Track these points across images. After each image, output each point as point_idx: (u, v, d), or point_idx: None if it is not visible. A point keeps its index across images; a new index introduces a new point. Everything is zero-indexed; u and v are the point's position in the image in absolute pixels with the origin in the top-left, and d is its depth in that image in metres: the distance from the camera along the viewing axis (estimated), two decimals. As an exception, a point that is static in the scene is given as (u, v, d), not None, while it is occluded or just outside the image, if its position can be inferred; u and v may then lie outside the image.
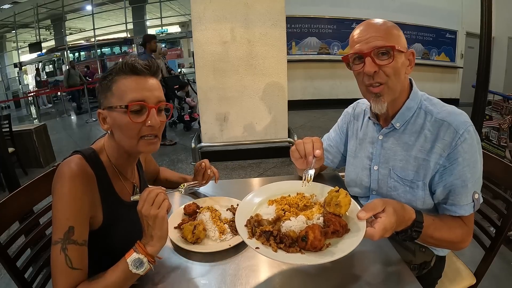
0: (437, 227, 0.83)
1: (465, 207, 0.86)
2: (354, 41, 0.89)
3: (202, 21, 3.33)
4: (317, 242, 0.66)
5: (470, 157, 0.84)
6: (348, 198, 0.72)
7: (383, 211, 0.70)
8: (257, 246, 0.69)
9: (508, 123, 2.71)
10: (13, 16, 11.42)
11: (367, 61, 0.85)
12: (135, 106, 0.76)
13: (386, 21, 0.88)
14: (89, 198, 0.77)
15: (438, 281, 1.07)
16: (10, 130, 3.57)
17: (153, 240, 0.74)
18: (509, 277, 1.74)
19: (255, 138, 3.70)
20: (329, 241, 0.69)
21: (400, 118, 0.94)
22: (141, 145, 0.79)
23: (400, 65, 0.87)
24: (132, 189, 0.94)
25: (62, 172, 0.74)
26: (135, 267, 0.71)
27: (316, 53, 6.66)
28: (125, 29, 12.85)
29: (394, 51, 0.84)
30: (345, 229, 0.70)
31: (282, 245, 0.69)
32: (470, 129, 0.84)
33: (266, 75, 3.54)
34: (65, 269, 0.69)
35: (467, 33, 6.85)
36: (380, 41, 0.84)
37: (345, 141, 1.20)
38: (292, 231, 0.69)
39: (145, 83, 0.78)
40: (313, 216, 0.73)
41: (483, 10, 2.42)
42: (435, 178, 0.89)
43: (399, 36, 0.87)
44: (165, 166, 3.02)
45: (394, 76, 0.87)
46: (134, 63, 0.78)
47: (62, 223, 0.71)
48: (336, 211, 0.71)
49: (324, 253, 0.66)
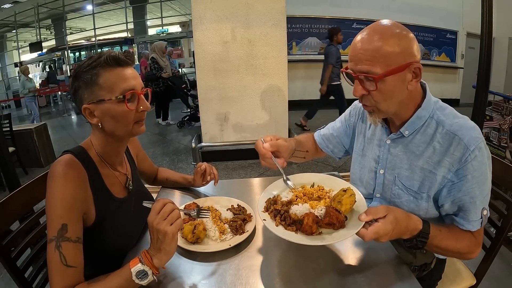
0: (444, 237, 0.82)
1: (473, 223, 0.84)
2: (350, 53, 0.84)
3: (203, 21, 3.32)
4: (307, 228, 0.75)
5: (480, 175, 0.81)
6: (351, 199, 0.78)
7: (384, 217, 0.72)
8: (265, 219, 0.81)
9: (509, 124, 2.71)
10: (14, 15, 11.42)
11: (355, 84, 0.83)
12: (129, 94, 0.80)
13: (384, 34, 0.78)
14: (81, 195, 0.78)
15: (439, 282, 1.07)
16: (11, 129, 3.57)
17: (160, 253, 0.73)
18: (509, 278, 1.74)
19: (255, 138, 3.67)
20: (322, 231, 0.77)
21: (410, 127, 0.89)
22: (135, 129, 0.86)
23: (393, 87, 0.80)
24: (125, 181, 0.95)
25: (53, 171, 0.76)
26: (138, 278, 0.70)
27: (317, 53, 6.65)
28: (125, 28, 12.85)
29: (376, 81, 0.78)
30: (341, 224, 0.76)
31: (283, 222, 0.79)
32: (481, 146, 0.80)
33: (266, 75, 3.54)
34: (60, 267, 0.70)
35: (467, 33, 6.85)
36: (365, 65, 0.78)
37: (350, 135, 1.16)
38: (294, 214, 0.79)
39: (130, 73, 0.83)
40: (317, 207, 0.80)
41: (484, 10, 2.42)
42: (442, 192, 0.86)
43: (392, 55, 0.77)
44: (165, 166, 3.02)
45: (384, 101, 0.82)
46: (117, 55, 0.81)
47: (55, 221, 0.72)
48: (337, 207, 0.77)
49: (313, 237, 0.75)
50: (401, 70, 0.78)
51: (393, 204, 0.97)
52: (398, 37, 0.78)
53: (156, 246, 0.73)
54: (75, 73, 0.82)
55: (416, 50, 0.80)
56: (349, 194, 0.78)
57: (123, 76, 0.81)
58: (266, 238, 0.94)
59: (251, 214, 1.02)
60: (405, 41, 0.78)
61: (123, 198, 0.92)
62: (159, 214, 0.72)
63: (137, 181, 1.04)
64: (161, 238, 0.71)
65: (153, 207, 0.74)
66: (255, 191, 1.27)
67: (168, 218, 0.72)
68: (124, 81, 0.80)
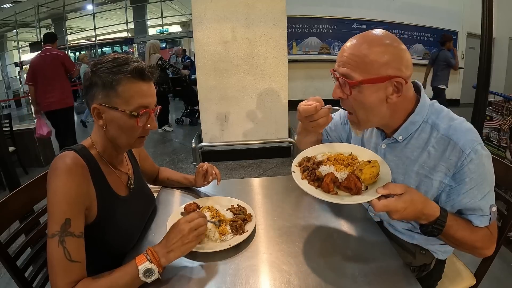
0: (460, 228, 0.80)
1: (480, 218, 0.82)
2: (338, 55, 0.84)
3: (203, 21, 3.33)
4: (325, 185, 0.80)
5: (478, 177, 0.80)
6: (372, 169, 0.80)
7: (400, 195, 0.72)
8: (294, 171, 0.87)
9: (509, 124, 2.71)
10: (14, 15, 11.41)
11: (335, 85, 0.84)
12: (143, 112, 0.81)
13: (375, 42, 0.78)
14: (84, 189, 0.78)
15: (438, 282, 1.07)
16: (11, 129, 3.57)
17: (169, 254, 0.75)
18: (509, 278, 1.74)
19: (255, 138, 3.70)
20: (339, 192, 0.81)
21: (403, 132, 0.88)
22: (136, 143, 0.88)
23: (369, 97, 0.80)
24: (126, 180, 0.95)
25: (56, 167, 0.75)
26: (145, 276, 0.71)
27: (317, 53, 6.66)
28: (126, 28, 12.85)
29: (350, 86, 0.79)
30: (358, 190, 0.79)
31: (308, 178, 0.84)
32: (477, 148, 0.79)
33: (266, 75, 3.54)
34: (63, 262, 0.69)
35: (468, 33, 6.84)
36: (346, 69, 0.79)
37: (347, 130, 1.14)
38: (319, 172, 0.85)
39: (149, 90, 0.83)
40: (341, 170, 0.84)
41: (484, 10, 2.41)
42: (441, 197, 0.86)
43: (378, 64, 0.77)
44: (166, 166, 3.01)
45: (362, 110, 0.82)
46: (144, 69, 0.80)
47: (59, 216, 0.71)
48: (358, 174, 0.80)
49: (328, 195, 0.79)
50: (380, 81, 0.78)
51: None
52: (385, 48, 0.77)
53: (168, 246, 0.75)
54: (96, 68, 0.80)
55: (405, 65, 0.79)
56: (372, 165, 0.80)
57: (142, 92, 0.81)
58: (266, 238, 0.94)
59: (251, 214, 1.02)
60: (393, 54, 0.77)
61: (125, 197, 0.93)
62: (194, 222, 0.79)
63: (139, 180, 1.04)
64: (182, 242, 0.76)
65: (190, 215, 0.81)
66: (255, 191, 1.27)
67: (198, 230, 0.79)
68: (141, 97, 0.81)
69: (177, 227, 0.77)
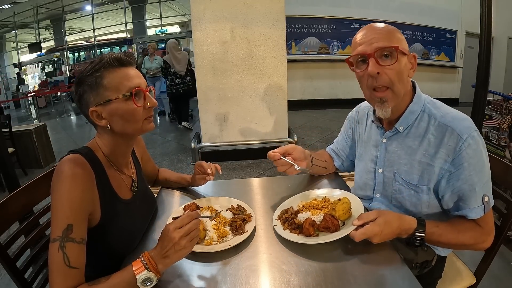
0: (443, 232, 0.84)
1: (475, 210, 0.85)
2: (356, 43, 0.89)
3: (202, 21, 3.32)
4: (305, 230, 0.88)
5: (476, 162, 0.84)
6: (343, 206, 0.90)
7: (374, 220, 0.80)
8: (276, 224, 0.95)
9: (508, 123, 2.71)
10: (13, 16, 11.41)
11: (370, 62, 0.85)
12: (136, 91, 0.81)
13: (388, 25, 0.89)
14: (89, 195, 0.77)
15: (438, 281, 1.07)
16: (10, 130, 3.57)
17: (165, 261, 0.73)
18: (509, 277, 1.74)
19: (255, 138, 3.70)
20: (320, 234, 0.89)
21: (404, 122, 0.94)
22: (145, 126, 0.86)
23: (403, 68, 0.87)
24: (130, 183, 0.95)
25: (61, 171, 0.75)
26: (144, 284, 0.70)
27: (316, 53, 6.65)
28: (124, 29, 12.84)
29: (397, 52, 0.84)
30: (336, 228, 0.87)
31: (290, 227, 0.92)
32: (474, 134, 0.84)
33: (266, 75, 3.54)
34: (62, 268, 0.69)
35: (466, 33, 6.85)
36: (382, 42, 0.85)
37: (351, 145, 1.22)
38: (298, 220, 0.93)
39: (133, 72, 0.84)
40: (316, 214, 0.95)
41: (483, 10, 2.42)
42: (441, 183, 0.89)
43: (401, 39, 0.87)
44: (165, 166, 3.02)
45: (398, 80, 0.87)
46: (120, 56, 0.82)
47: (61, 221, 0.71)
48: (332, 213, 0.90)
49: (310, 238, 0.87)
50: (408, 55, 0.88)
51: (394, 200, 0.99)
52: (398, 31, 0.89)
53: (163, 253, 0.72)
54: (78, 79, 0.82)
55: None
56: (342, 202, 0.91)
57: (127, 75, 0.82)
58: (266, 238, 0.94)
59: (250, 214, 1.02)
60: (403, 36, 0.89)
61: (128, 200, 0.92)
62: (184, 228, 0.73)
63: (142, 183, 1.04)
64: (174, 249, 0.72)
65: (180, 219, 0.74)
66: (255, 191, 1.27)
67: (190, 235, 0.73)
68: (128, 79, 0.81)
69: (167, 235, 0.72)
